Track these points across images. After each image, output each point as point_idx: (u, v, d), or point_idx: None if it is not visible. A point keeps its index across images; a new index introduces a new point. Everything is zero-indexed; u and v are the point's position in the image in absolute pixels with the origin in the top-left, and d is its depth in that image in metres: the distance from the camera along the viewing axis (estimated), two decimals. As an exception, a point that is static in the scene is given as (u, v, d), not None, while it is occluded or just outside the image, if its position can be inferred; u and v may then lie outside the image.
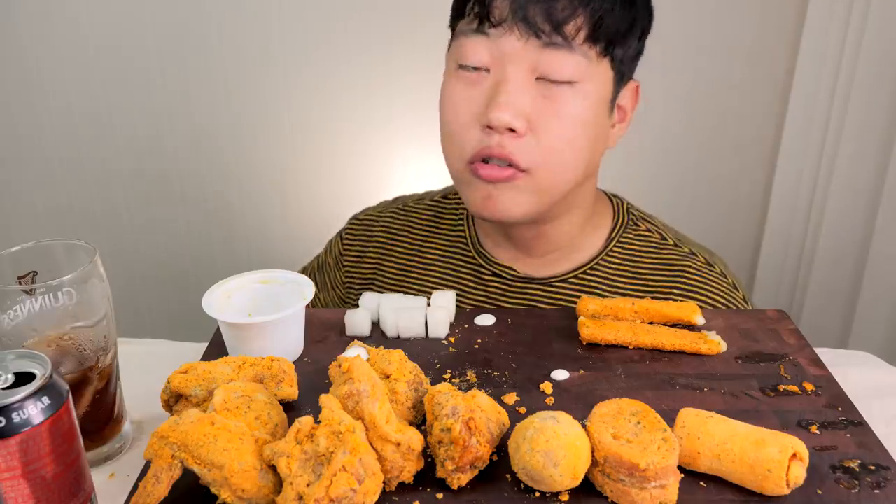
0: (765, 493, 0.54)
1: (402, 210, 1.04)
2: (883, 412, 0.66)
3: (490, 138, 0.79)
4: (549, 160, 0.80)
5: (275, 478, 0.52)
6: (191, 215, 1.96)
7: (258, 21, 1.77)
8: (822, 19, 1.59)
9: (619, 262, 0.92)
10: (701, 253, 0.93)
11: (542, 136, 0.79)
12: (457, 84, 0.82)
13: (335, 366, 0.58)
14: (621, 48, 0.81)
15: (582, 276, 0.92)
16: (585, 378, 0.68)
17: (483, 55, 0.79)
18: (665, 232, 0.95)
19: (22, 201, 1.97)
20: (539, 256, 0.93)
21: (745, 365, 0.70)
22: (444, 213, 1.02)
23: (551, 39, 0.76)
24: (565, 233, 0.91)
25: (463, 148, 0.82)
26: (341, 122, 1.85)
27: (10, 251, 0.63)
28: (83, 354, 0.62)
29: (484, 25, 0.78)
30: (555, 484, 0.52)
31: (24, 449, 0.49)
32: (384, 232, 1.03)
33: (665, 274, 0.91)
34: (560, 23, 0.76)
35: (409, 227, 1.02)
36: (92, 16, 1.77)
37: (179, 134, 1.88)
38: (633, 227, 0.95)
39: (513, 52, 0.78)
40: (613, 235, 0.93)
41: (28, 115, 1.88)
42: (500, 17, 0.77)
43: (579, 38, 0.77)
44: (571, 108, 0.79)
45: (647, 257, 0.92)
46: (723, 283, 0.90)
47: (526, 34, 0.77)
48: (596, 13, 0.77)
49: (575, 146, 0.80)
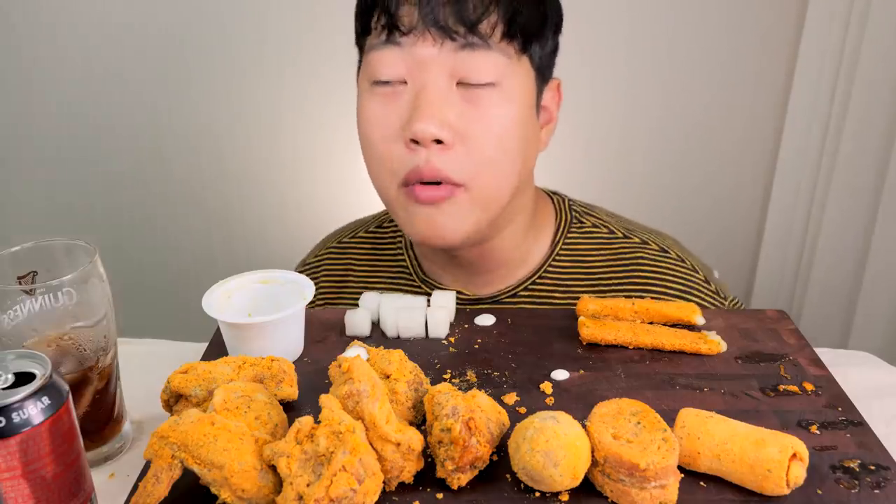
0: (765, 493, 0.54)
1: (338, 248, 0.99)
2: (883, 412, 0.66)
3: (416, 155, 0.75)
4: (482, 170, 0.75)
5: (275, 478, 0.52)
6: (191, 215, 1.97)
7: (257, 21, 1.77)
8: (822, 19, 1.59)
9: (569, 264, 0.89)
10: (653, 240, 0.89)
11: (471, 144, 0.75)
12: (372, 102, 0.77)
13: (335, 366, 0.58)
14: (538, 44, 0.77)
15: (531, 287, 0.88)
16: (585, 378, 0.68)
17: (398, 67, 0.75)
18: (611, 224, 0.91)
19: (22, 201, 1.97)
20: (485, 274, 0.89)
21: (745, 365, 0.70)
22: (382, 244, 0.97)
23: (467, 40, 0.73)
24: (510, 244, 0.87)
25: (392, 170, 0.77)
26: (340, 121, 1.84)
27: (10, 251, 0.63)
28: (83, 354, 0.62)
29: (394, 35, 0.74)
30: (555, 484, 0.52)
31: (24, 449, 0.49)
32: (328, 277, 0.98)
33: (618, 269, 0.87)
34: (474, 22, 0.72)
35: (351, 267, 0.97)
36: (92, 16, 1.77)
37: (179, 134, 1.88)
38: (577, 224, 0.91)
39: (429, 59, 0.74)
40: (558, 238, 0.89)
41: (28, 115, 1.88)
42: (410, 25, 0.73)
43: (496, 35, 0.73)
44: (497, 110, 0.75)
45: (597, 254, 0.89)
46: (681, 268, 0.87)
47: (440, 38, 0.73)
48: (508, 10, 0.73)
49: (507, 151, 0.76)
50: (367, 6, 0.77)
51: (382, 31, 0.75)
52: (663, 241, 0.90)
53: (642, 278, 0.87)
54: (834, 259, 1.71)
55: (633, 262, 0.87)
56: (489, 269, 0.89)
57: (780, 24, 1.66)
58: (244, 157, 1.91)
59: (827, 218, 1.69)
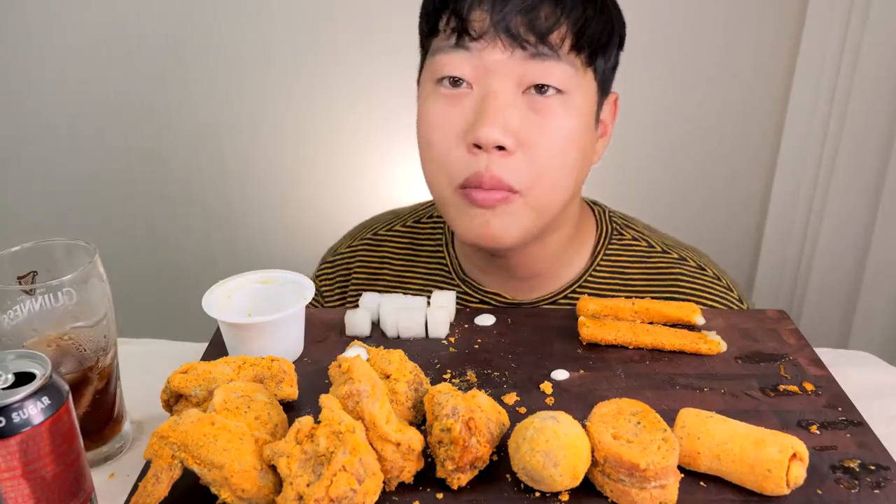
0: (765, 493, 0.54)
1: (374, 240, 0.99)
2: (883, 412, 0.66)
3: (477, 160, 0.75)
4: (540, 179, 0.76)
5: (275, 478, 0.52)
6: (191, 215, 1.97)
7: (258, 22, 1.77)
8: (822, 19, 1.59)
9: (609, 275, 0.89)
10: (690, 257, 0.90)
11: (532, 152, 0.75)
12: (437, 103, 0.77)
13: (335, 366, 0.58)
14: (603, 58, 0.78)
15: (571, 295, 0.89)
16: (585, 378, 0.68)
17: (465, 68, 0.75)
18: (650, 238, 0.92)
19: (22, 201, 1.97)
20: (526, 280, 0.89)
21: (745, 365, 0.70)
22: (421, 240, 0.97)
23: (538, 50, 0.73)
24: (552, 252, 0.87)
25: (450, 172, 0.77)
26: (341, 122, 1.85)
27: (10, 251, 0.63)
28: (83, 354, 0.62)
29: (464, 40, 0.74)
30: (555, 484, 0.52)
31: (24, 449, 0.49)
32: (363, 267, 0.98)
33: (657, 284, 0.88)
34: (544, 33, 0.73)
35: (389, 259, 0.97)
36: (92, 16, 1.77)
37: (179, 134, 1.88)
38: (617, 236, 0.91)
39: (497, 65, 0.74)
40: (599, 248, 0.90)
41: (28, 115, 1.88)
42: (481, 30, 0.73)
43: (565, 47, 0.74)
44: (560, 120, 0.75)
45: (637, 268, 0.90)
46: (718, 287, 0.88)
47: (511, 46, 0.73)
48: (578, 22, 0.74)
49: (566, 162, 0.77)
50: (436, 7, 0.77)
51: (452, 34, 0.75)
52: (700, 258, 0.92)
53: (680, 294, 0.88)
54: (834, 259, 1.71)
55: (672, 278, 0.89)
56: (530, 276, 0.89)
57: (780, 24, 1.66)
58: (244, 157, 1.91)
59: (827, 218, 1.69)
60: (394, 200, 1.11)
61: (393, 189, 1.85)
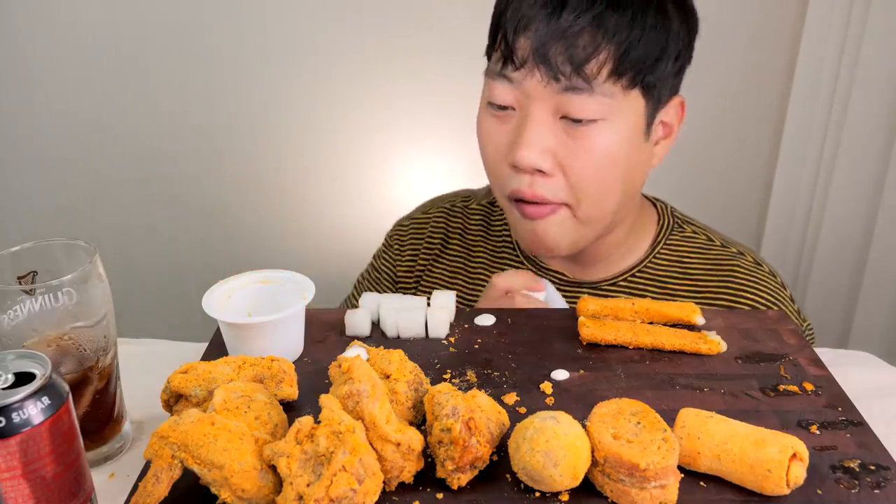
0: (765, 493, 0.54)
1: (451, 211, 1.06)
2: (883, 412, 0.66)
3: (520, 178, 0.81)
4: (583, 197, 0.81)
5: (275, 478, 0.52)
6: (191, 215, 1.97)
7: (257, 23, 1.77)
8: (822, 20, 1.59)
9: (668, 263, 0.93)
10: (748, 252, 0.94)
11: (572, 174, 0.80)
12: (488, 119, 0.84)
13: (335, 366, 0.58)
14: (652, 75, 0.79)
15: (631, 278, 0.93)
16: (585, 378, 0.68)
17: (507, 96, 0.81)
18: (711, 233, 0.96)
19: (22, 201, 1.97)
20: (588, 265, 0.95)
21: (745, 365, 0.70)
22: (493, 219, 1.03)
23: (571, 83, 0.76)
24: (612, 243, 0.93)
25: (501, 183, 0.84)
26: (342, 122, 1.85)
27: (10, 251, 0.63)
28: (83, 354, 0.62)
29: (507, 69, 0.80)
30: (555, 484, 0.52)
31: (24, 449, 0.49)
32: (438, 232, 1.04)
33: (715, 274, 0.91)
34: (581, 63, 0.75)
35: (463, 229, 1.04)
36: (91, 17, 1.77)
37: (179, 135, 1.88)
38: (678, 229, 0.96)
39: (535, 94, 0.79)
40: (660, 238, 0.95)
41: (28, 115, 1.88)
42: (522, 59, 0.78)
43: (601, 76, 0.76)
44: (598, 143, 0.79)
45: (696, 258, 0.93)
46: (772, 282, 0.91)
47: (546, 76, 0.77)
48: (622, 45, 0.75)
49: (606, 180, 0.81)
50: (494, 26, 0.83)
51: (500, 59, 0.81)
52: (756, 255, 0.95)
53: (736, 286, 0.90)
54: (834, 259, 1.71)
55: (730, 270, 0.91)
56: (591, 263, 0.95)
57: (780, 25, 1.66)
58: (244, 157, 1.91)
59: (827, 218, 1.69)
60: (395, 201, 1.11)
61: (394, 190, 1.85)
